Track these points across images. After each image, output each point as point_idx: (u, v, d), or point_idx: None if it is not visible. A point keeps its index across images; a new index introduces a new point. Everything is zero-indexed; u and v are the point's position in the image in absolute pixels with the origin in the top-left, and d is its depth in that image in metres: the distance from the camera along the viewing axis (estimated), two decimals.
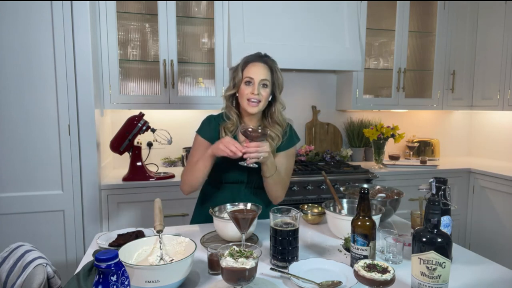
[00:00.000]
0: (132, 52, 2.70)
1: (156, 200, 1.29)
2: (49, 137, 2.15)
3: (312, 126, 3.21)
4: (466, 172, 3.03)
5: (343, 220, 1.37)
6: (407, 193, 1.69)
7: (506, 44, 2.97)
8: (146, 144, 2.79)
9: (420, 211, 1.40)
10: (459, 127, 3.62)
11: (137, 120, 2.40)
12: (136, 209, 2.38)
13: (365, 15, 2.91)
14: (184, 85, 2.78)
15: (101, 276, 0.80)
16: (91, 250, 1.30)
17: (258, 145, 1.35)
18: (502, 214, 2.79)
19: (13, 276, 1.17)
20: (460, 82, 3.23)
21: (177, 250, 1.15)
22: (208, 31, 2.80)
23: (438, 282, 0.92)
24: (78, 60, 2.15)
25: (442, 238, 0.93)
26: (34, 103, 2.11)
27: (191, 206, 1.82)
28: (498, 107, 3.05)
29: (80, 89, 2.17)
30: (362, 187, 1.21)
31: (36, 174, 2.15)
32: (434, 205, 0.94)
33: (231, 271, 0.92)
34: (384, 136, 2.95)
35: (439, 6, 3.10)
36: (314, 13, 2.69)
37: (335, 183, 2.55)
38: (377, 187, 1.76)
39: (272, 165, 1.46)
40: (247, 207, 1.28)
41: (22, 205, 2.14)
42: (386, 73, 3.12)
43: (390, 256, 1.21)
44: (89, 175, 2.23)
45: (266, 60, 1.53)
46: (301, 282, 1.04)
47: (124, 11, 2.59)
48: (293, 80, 3.11)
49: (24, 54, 2.07)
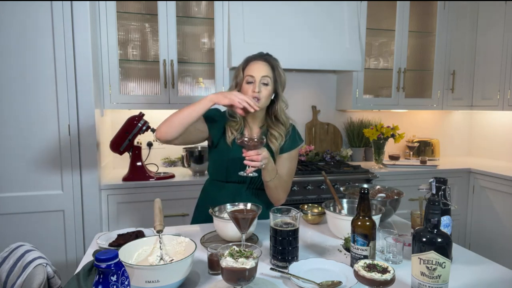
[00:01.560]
0: (132, 52, 2.70)
1: (156, 200, 1.29)
2: (49, 137, 2.15)
3: (312, 126, 3.21)
4: (466, 172, 3.03)
5: (343, 220, 1.37)
6: (407, 193, 1.69)
7: (506, 44, 2.97)
8: (146, 144, 2.80)
9: (420, 211, 1.40)
10: (459, 127, 3.62)
11: (137, 120, 2.40)
12: (136, 209, 2.38)
13: (365, 15, 2.91)
14: (184, 85, 2.78)
15: (101, 276, 0.80)
16: (91, 250, 1.30)
17: (257, 153, 1.33)
18: (502, 214, 2.79)
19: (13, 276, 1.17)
20: (460, 82, 3.23)
21: (177, 250, 1.15)
22: (208, 31, 2.81)
23: (438, 282, 0.92)
24: (78, 60, 2.15)
25: (442, 238, 0.93)
26: (34, 103, 2.11)
27: (191, 206, 1.82)
28: (498, 107, 3.05)
29: (80, 89, 2.17)
30: (362, 187, 1.22)
31: (36, 174, 2.15)
32: (434, 205, 0.94)
33: (231, 271, 0.92)
34: (384, 136, 2.95)
35: (439, 6, 3.11)
36: (314, 13, 2.69)
37: (335, 183, 2.55)
38: (377, 187, 1.76)
39: (273, 169, 1.46)
40: (247, 207, 1.28)
41: (22, 205, 2.14)
42: (386, 73, 3.12)
43: (390, 256, 1.21)
44: (89, 175, 2.23)
45: (267, 58, 1.53)
46: (301, 282, 1.04)
47: (124, 11, 2.59)
48: (293, 80, 3.11)
49: (24, 54, 2.07)
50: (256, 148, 1.33)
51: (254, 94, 1.47)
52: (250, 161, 1.33)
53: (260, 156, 1.33)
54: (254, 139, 1.33)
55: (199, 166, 2.58)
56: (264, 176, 1.46)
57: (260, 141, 1.33)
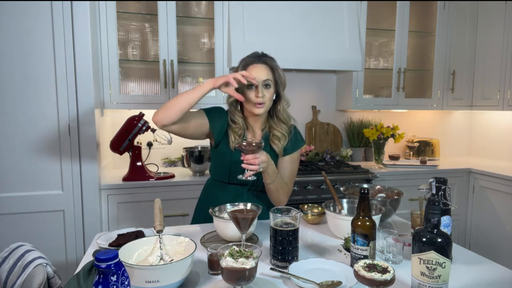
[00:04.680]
0: (132, 52, 2.70)
1: (156, 200, 1.29)
2: (49, 137, 2.15)
3: (312, 126, 3.21)
4: (466, 172, 3.03)
5: (343, 220, 1.37)
6: (407, 193, 1.69)
7: (506, 44, 2.97)
8: (146, 144, 2.79)
9: (420, 211, 1.40)
10: (459, 127, 3.62)
11: (137, 120, 2.40)
12: (136, 209, 2.38)
13: (365, 15, 2.91)
14: (184, 85, 2.78)
15: (101, 276, 0.80)
16: (91, 250, 1.30)
17: (254, 157, 1.32)
18: (502, 214, 2.79)
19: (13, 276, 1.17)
20: (460, 82, 3.23)
21: (177, 250, 1.15)
22: (208, 31, 2.81)
23: (438, 282, 0.92)
24: (78, 60, 2.15)
25: (442, 238, 0.93)
26: (34, 103, 2.11)
27: (191, 206, 1.82)
28: (498, 107, 3.05)
29: (80, 89, 2.17)
30: (362, 187, 1.21)
31: (36, 174, 2.15)
32: (434, 205, 0.94)
33: (231, 271, 0.92)
34: (384, 136, 2.95)
35: (439, 6, 3.11)
36: (314, 13, 2.69)
37: (335, 183, 2.55)
38: (377, 187, 1.76)
39: (274, 172, 1.45)
40: (247, 207, 1.28)
41: (22, 205, 2.14)
42: (386, 73, 3.12)
43: (390, 256, 1.21)
44: (89, 175, 2.23)
45: (265, 60, 1.51)
46: (301, 282, 1.04)
47: (124, 11, 2.59)
48: (293, 80, 3.11)
49: (24, 54, 2.07)
50: (254, 152, 1.32)
51: (258, 99, 1.46)
52: (248, 165, 1.33)
53: (258, 159, 1.32)
54: (252, 144, 1.32)
55: (199, 166, 2.58)
56: (265, 178, 1.46)
57: (258, 145, 1.32)
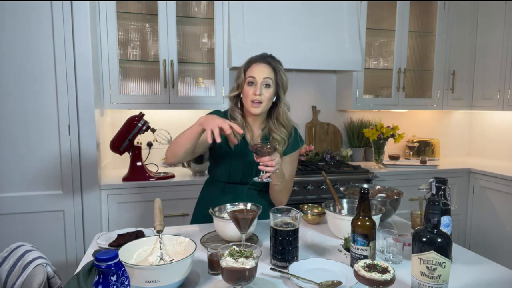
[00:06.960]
0: (132, 52, 2.70)
1: (156, 200, 1.29)
2: (49, 137, 2.15)
3: (312, 126, 3.21)
4: (466, 172, 3.02)
5: (343, 220, 1.37)
6: (407, 193, 1.69)
7: (506, 44, 2.97)
8: (146, 144, 2.79)
9: (420, 211, 1.40)
10: (459, 127, 3.62)
11: (137, 120, 2.40)
12: (136, 209, 2.38)
13: (365, 15, 2.91)
14: (184, 85, 2.78)
15: (101, 276, 0.80)
16: (91, 250, 1.30)
17: (271, 159, 1.33)
18: (502, 214, 2.79)
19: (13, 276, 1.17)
20: (460, 82, 3.23)
21: (177, 250, 1.15)
22: (208, 31, 2.80)
23: (438, 282, 0.92)
24: (78, 60, 2.15)
25: (442, 238, 0.93)
26: (34, 103, 2.11)
27: (191, 206, 1.82)
28: (498, 107, 3.05)
29: (80, 89, 2.17)
30: (362, 187, 1.21)
31: (36, 174, 2.15)
32: (434, 205, 0.94)
33: (231, 271, 0.92)
34: (384, 136, 2.95)
35: (439, 6, 3.10)
36: (314, 13, 2.69)
37: (335, 183, 2.55)
38: (377, 187, 1.76)
39: (281, 173, 1.48)
40: (247, 207, 1.28)
41: (22, 205, 2.14)
42: (386, 73, 3.12)
43: (390, 256, 1.21)
44: (89, 175, 2.23)
45: (269, 61, 1.52)
46: (301, 282, 1.04)
47: (124, 11, 2.59)
48: (293, 80, 3.10)
49: (24, 54, 2.07)
50: (270, 154, 1.34)
51: (255, 96, 1.46)
52: (265, 167, 1.33)
53: (274, 161, 1.34)
54: (267, 146, 1.33)
55: (199, 166, 2.58)
56: (273, 179, 1.46)
57: (274, 147, 1.35)
